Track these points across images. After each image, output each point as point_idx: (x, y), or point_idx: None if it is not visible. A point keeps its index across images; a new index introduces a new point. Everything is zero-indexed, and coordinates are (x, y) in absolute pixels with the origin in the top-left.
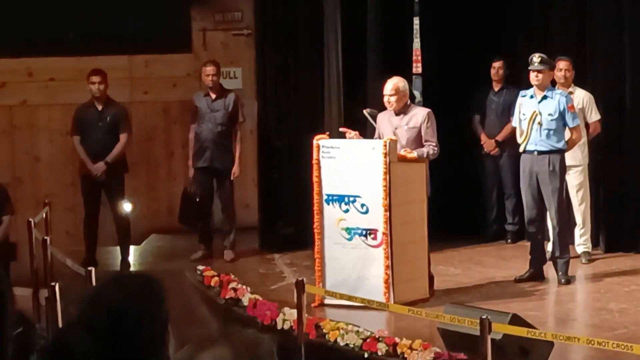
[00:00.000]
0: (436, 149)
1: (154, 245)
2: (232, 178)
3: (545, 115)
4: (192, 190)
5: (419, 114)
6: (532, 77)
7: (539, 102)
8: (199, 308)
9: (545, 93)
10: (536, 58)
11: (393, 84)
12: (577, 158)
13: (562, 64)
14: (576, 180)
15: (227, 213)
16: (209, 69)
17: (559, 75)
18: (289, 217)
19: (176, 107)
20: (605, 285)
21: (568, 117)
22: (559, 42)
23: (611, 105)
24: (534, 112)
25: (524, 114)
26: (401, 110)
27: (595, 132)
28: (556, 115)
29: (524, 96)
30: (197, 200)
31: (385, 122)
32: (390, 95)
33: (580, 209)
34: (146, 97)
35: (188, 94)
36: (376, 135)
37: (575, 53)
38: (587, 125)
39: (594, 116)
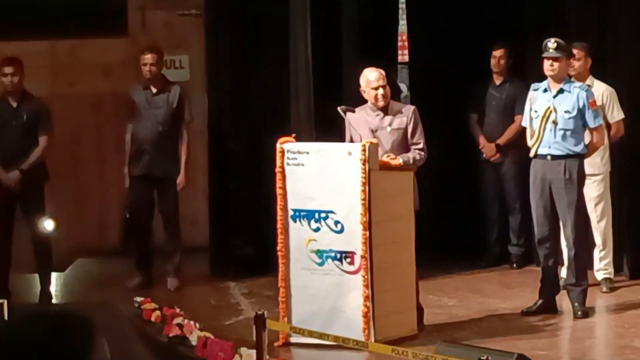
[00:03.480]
0: (422, 153)
1: (81, 272)
2: (177, 189)
3: (562, 112)
4: (126, 203)
5: (405, 112)
6: (547, 66)
7: (554, 96)
8: (136, 348)
9: (561, 86)
10: (551, 43)
11: (380, 73)
12: (595, 165)
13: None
14: (595, 191)
15: (171, 231)
16: (148, 57)
17: None
18: (247, 236)
19: (109, 101)
20: (630, 319)
21: (589, 116)
22: (574, 25)
23: (637, 101)
24: (548, 108)
25: (535, 111)
26: (382, 108)
27: (618, 134)
28: (574, 113)
29: (536, 90)
30: (129, 215)
31: (362, 122)
32: (383, 87)
33: (600, 227)
34: (72, 89)
35: (124, 85)
36: (347, 138)
37: (593, 39)
38: (608, 126)
39: (617, 115)
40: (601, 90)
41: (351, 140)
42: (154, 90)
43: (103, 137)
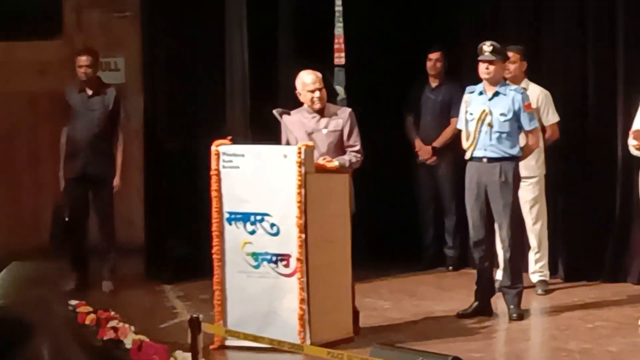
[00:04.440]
0: (359, 155)
1: (14, 273)
2: (113, 190)
3: (497, 115)
4: (62, 205)
5: (340, 115)
6: (482, 69)
7: (490, 99)
8: (70, 351)
9: (497, 89)
10: (487, 47)
11: (316, 75)
12: (531, 168)
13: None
14: (530, 194)
15: (106, 231)
16: (83, 59)
17: None
18: (183, 237)
19: (45, 99)
20: (565, 321)
21: (524, 118)
22: (510, 28)
23: (572, 104)
24: (484, 111)
25: (471, 114)
26: (319, 111)
27: (553, 137)
28: (510, 116)
29: (472, 92)
30: (67, 218)
31: (298, 124)
32: (319, 89)
33: (535, 229)
34: (6, 89)
35: (59, 85)
36: (283, 141)
37: (528, 41)
38: (543, 129)
39: (552, 118)
40: (536, 93)
41: (287, 143)
42: (90, 93)
43: (38, 135)
